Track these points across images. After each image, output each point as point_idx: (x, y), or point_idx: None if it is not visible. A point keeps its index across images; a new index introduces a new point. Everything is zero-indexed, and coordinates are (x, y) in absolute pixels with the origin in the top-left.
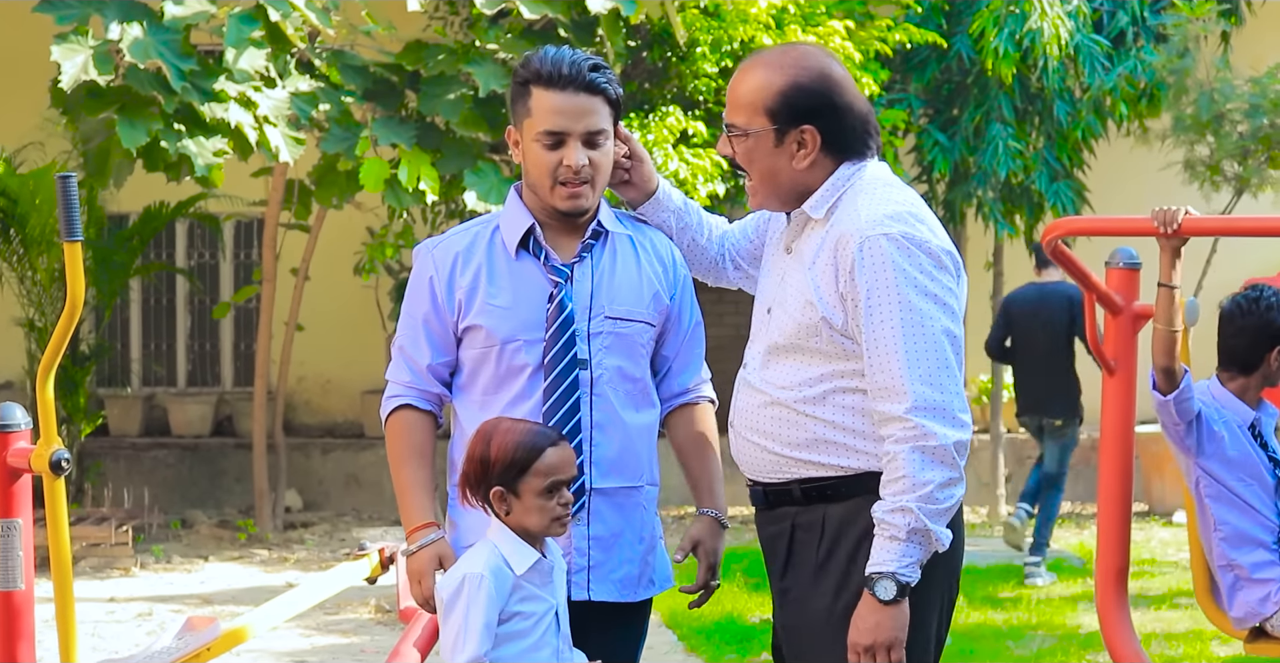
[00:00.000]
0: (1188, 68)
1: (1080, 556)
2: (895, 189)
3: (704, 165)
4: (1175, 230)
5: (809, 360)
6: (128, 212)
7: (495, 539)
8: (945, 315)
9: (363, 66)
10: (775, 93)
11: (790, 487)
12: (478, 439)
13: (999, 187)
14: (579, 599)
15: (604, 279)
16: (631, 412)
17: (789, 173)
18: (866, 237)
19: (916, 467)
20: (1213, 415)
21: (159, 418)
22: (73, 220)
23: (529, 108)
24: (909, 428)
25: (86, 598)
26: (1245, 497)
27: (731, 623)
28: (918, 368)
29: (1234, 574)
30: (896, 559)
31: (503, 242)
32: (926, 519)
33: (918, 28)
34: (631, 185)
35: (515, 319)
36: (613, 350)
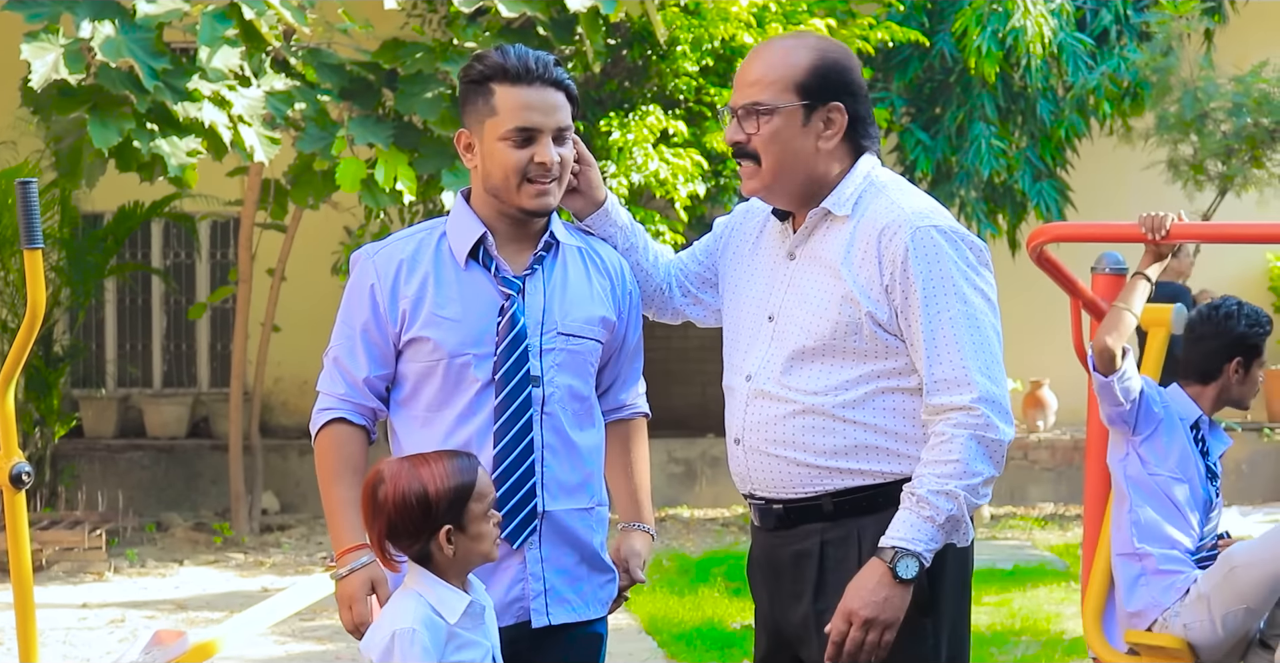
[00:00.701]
0: (1171, 66)
1: (1064, 559)
2: (906, 184)
3: (684, 165)
4: (1164, 237)
5: (844, 361)
6: (102, 211)
7: (418, 588)
8: (993, 312)
9: (339, 65)
10: (807, 67)
11: (820, 501)
12: (401, 484)
13: (982, 186)
14: (540, 626)
15: (556, 294)
16: (579, 432)
17: (810, 156)
18: (918, 227)
19: (972, 455)
20: (1154, 397)
21: (134, 419)
22: (33, 227)
23: (492, 106)
24: (974, 415)
25: (58, 604)
26: (1172, 494)
27: (712, 629)
28: (979, 360)
29: (1140, 565)
30: (925, 542)
31: (450, 250)
32: (965, 510)
33: (900, 26)
34: (578, 194)
35: (464, 332)
36: (564, 368)
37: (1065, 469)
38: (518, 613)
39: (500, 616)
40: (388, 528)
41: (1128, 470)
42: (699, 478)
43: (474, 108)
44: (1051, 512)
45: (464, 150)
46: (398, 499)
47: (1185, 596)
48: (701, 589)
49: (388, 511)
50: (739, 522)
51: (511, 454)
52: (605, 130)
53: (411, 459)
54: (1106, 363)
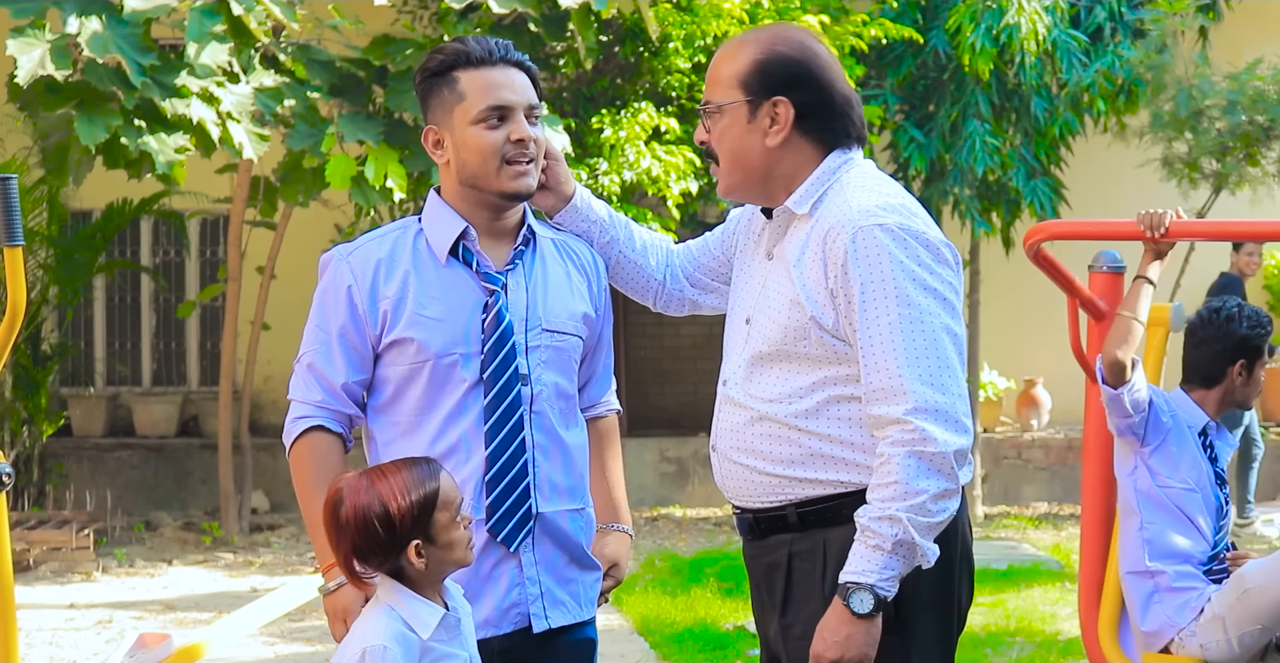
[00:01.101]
0: (1166, 64)
1: (1058, 559)
2: (885, 182)
3: (676, 162)
4: (1163, 234)
5: (798, 367)
6: (90, 209)
7: (390, 602)
8: (946, 312)
9: (329, 61)
10: (750, 63)
11: (785, 511)
12: (359, 502)
13: (976, 184)
14: (540, 631)
15: (538, 289)
16: (566, 431)
17: (760, 153)
18: (860, 227)
19: (911, 473)
20: (1162, 407)
21: (123, 418)
22: (13, 224)
23: (460, 92)
24: (908, 431)
25: (45, 604)
26: (1184, 505)
27: (704, 630)
28: (918, 367)
29: (1153, 583)
30: (877, 571)
31: (429, 247)
32: (915, 532)
33: (893, 23)
34: (546, 190)
35: (449, 331)
36: (550, 366)
37: (1059, 468)
38: (516, 619)
39: (499, 623)
40: (353, 549)
41: (1137, 485)
42: (691, 477)
43: (440, 100)
44: (1045, 511)
45: (433, 147)
46: (359, 520)
47: (1200, 615)
48: (694, 590)
49: (350, 532)
50: (731, 521)
51: (504, 455)
52: (597, 127)
53: (369, 474)
54: (1117, 375)
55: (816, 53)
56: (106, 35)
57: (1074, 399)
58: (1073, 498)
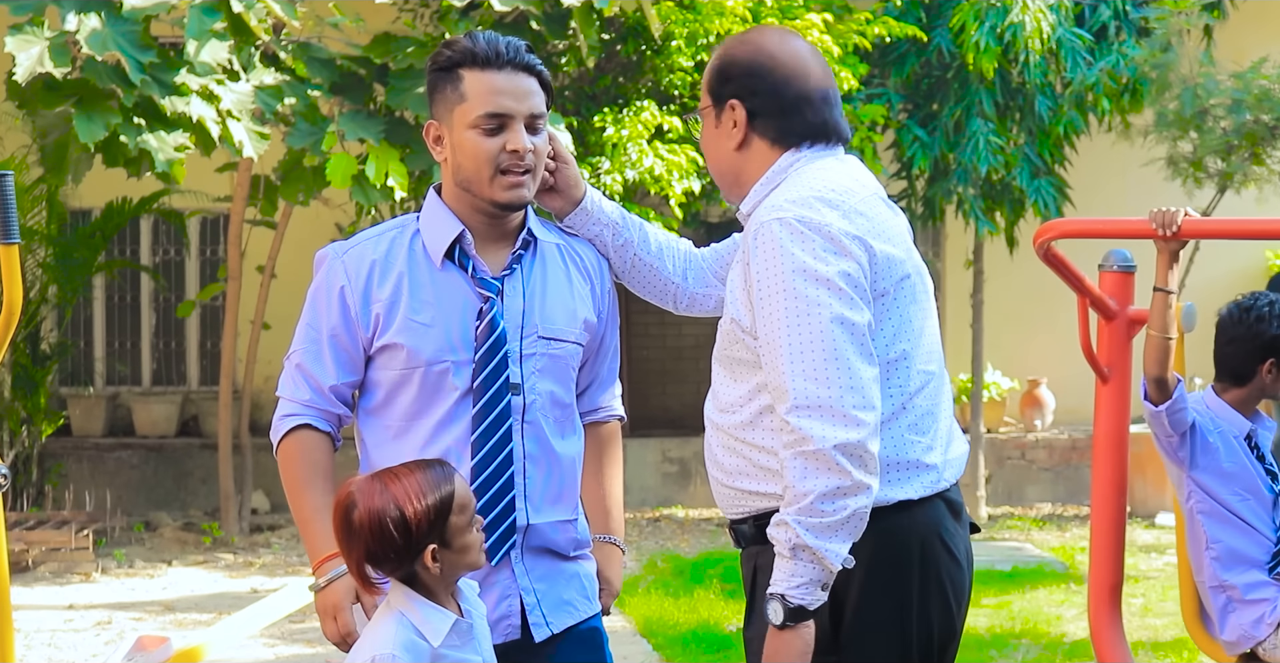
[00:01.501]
0: (1170, 62)
1: (1063, 560)
2: (827, 175)
3: (679, 161)
4: (1175, 233)
5: (735, 375)
6: (90, 207)
7: (401, 607)
8: (839, 301)
9: (329, 59)
10: (713, 69)
11: (746, 523)
12: (374, 506)
13: (979, 183)
14: (543, 639)
15: (536, 295)
16: (560, 440)
17: (726, 156)
18: (762, 222)
19: (797, 475)
20: (1207, 426)
21: (123, 418)
22: (9, 221)
23: (461, 92)
24: (789, 431)
25: (44, 605)
26: (1241, 512)
27: (707, 632)
28: (800, 362)
29: (1226, 596)
30: (784, 579)
31: (424, 249)
32: (808, 534)
33: (897, 21)
34: (556, 193)
35: (441, 338)
36: (545, 374)
37: (1063, 469)
38: (507, 631)
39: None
40: (366, 554)
41: (1197, 507)
42: (694, 478)
43: (442, 96)
44: (1049, 512)
45: (433, 143)
46: (374, 525)
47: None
48: (697, 591)
49: (364, 537)
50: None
51: (490, 465)
52: (599, 126)
53: (382, 477)
54: (1158, 392)
55: (772, 54)
56: (105, 32)
57: (1078, 399)
58: (1077, 499)
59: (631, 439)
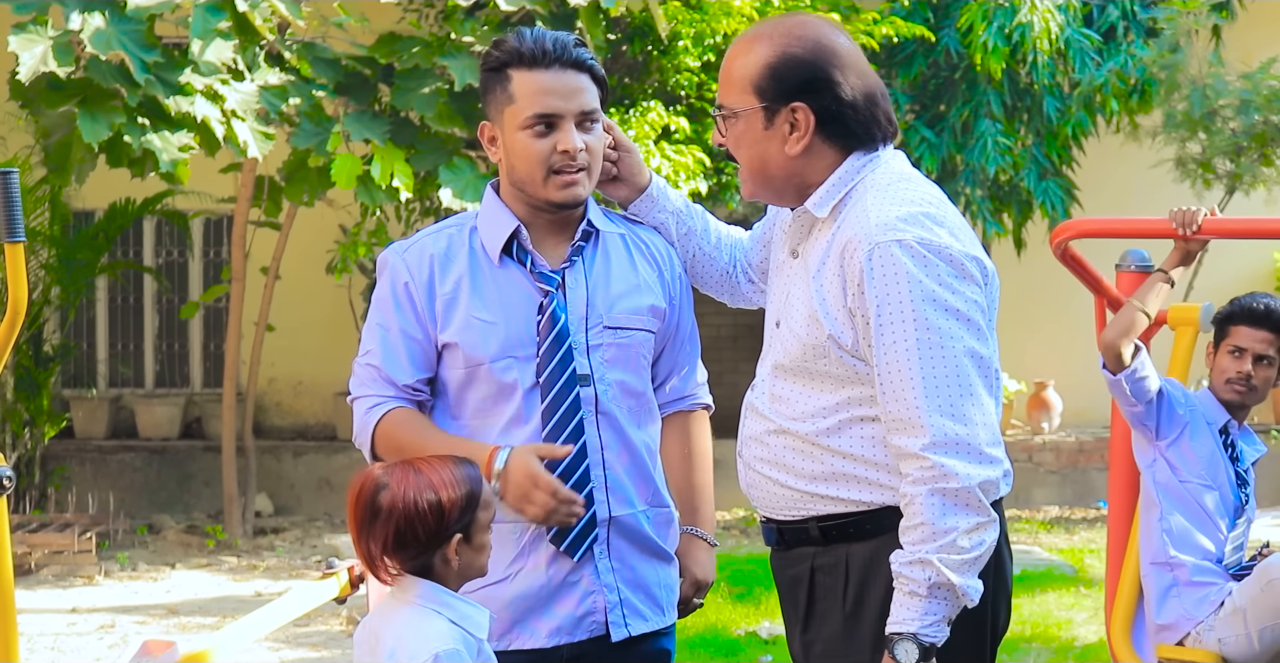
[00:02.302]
0: (1179, 63)
1: (1072, 563)
2: (912, 185)
3: (686, 162)
4: (1195, 232)
5: (819, 386)
6: (93, 208)
7: (434, 605)
8: (970, 333)
9: (334, 59)
10: (764, 65)
11: (807, 525)
12: (409, 490)
13: (987, 184)
14: (620, 640)
15: (600, 284)
16: (638, 429)
17: (781, 160)
18: (877, 243)
19: (936, 513)
20: (1177, 398)
21: (126, 420)
22: (14, 219)
23: (510, 94)
24: (927, 468)
25: (47, 609)
26: (1201, 501)
27: (716, 636)
28: (936, 397)
29: (1172, 575)
30: (918, 618)
31: (483, 246)
32: (951, 572)
33: (904, 21)
34: (620, 181)
35: (502, 335)
36: (615, 364)
37: (1070, 472)
38: (591, 628)
39: (572, 630)
40: (395, 537)
41: (1157, 477)
42: None
43: (493, 97)
44: (1057, 515)
45: (488, 144)
46: (409, 506)
47: (1220, 609)
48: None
49: (396, 518)
50: (741, 526)
51: (565, 461)
52: None
53: (414, 464)
54: (1113, 360)
55: (834, 50)
56: (110, 32)
57: (1085, 402)
58: (1084, 501)
59: None
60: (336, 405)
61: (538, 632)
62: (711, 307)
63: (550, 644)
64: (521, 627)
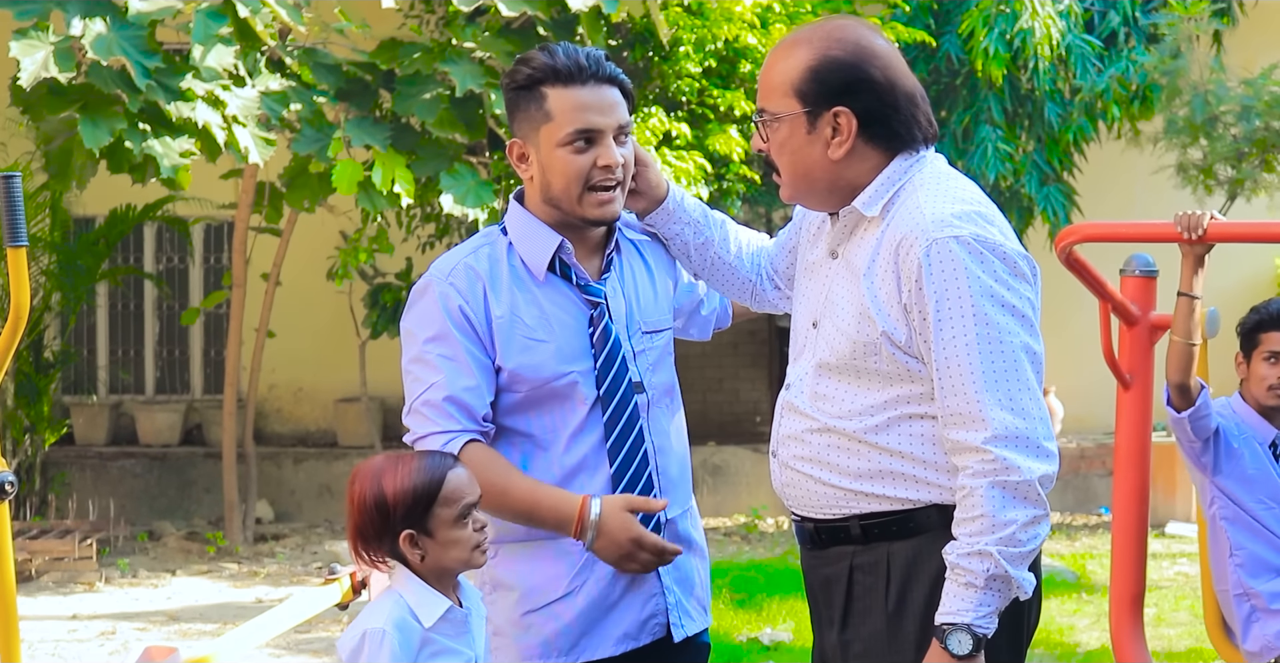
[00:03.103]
0: (1180, 69)
1: (1074, 569)
2: (959, 183)
3: (687, 168)
4: (1200, 236)
5: (868, 384)
6: (94, 214)
7: (400, 589)
8: (1025, 330)
9: (335, 65)
10: (804, 69)
11: (849, 523)
12: (363, 484)
13: (988, 190)
14: (680, 639)
15: (632, 292)
16: (675, 429)
17: (824, 165)
18: (934, 239)
19: (997, 505)
20: (1232, 431)
21: (126, 427)
22: (16, 224)
23: (547, 111)
24: (988, 461)
25: (48, 615)
26: (1264, 520)
27: (718, 642)
28: (996, 391)
29: (1250, 604)
30: (973, 609)
31: (524, 264)
32: (1008, 564)
33: (906, 27)
34: (638, 195)
35: (559, 351)
36: (657, 367)
37: (1072, 478)
38: (654, 630)
39: (638, 635)
40: (356, 529)
41: (1221, 514)
42: (700, 487)
43: (526, 115)
44: (1059, 521)
45: (517, 161)
46: (359, 500)
47: None
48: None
49: (353, 512)
50: (741, 531)
51: (629, 471)
52: None
53: (389, 457)
54: (1180, 398)
55: (874, 51)
56: (111, 37)
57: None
58: (1086, 508)
59: None
60: (337, 412)
61: (606, 640)
62: None
63: (618, 652)
64: (590, 638)
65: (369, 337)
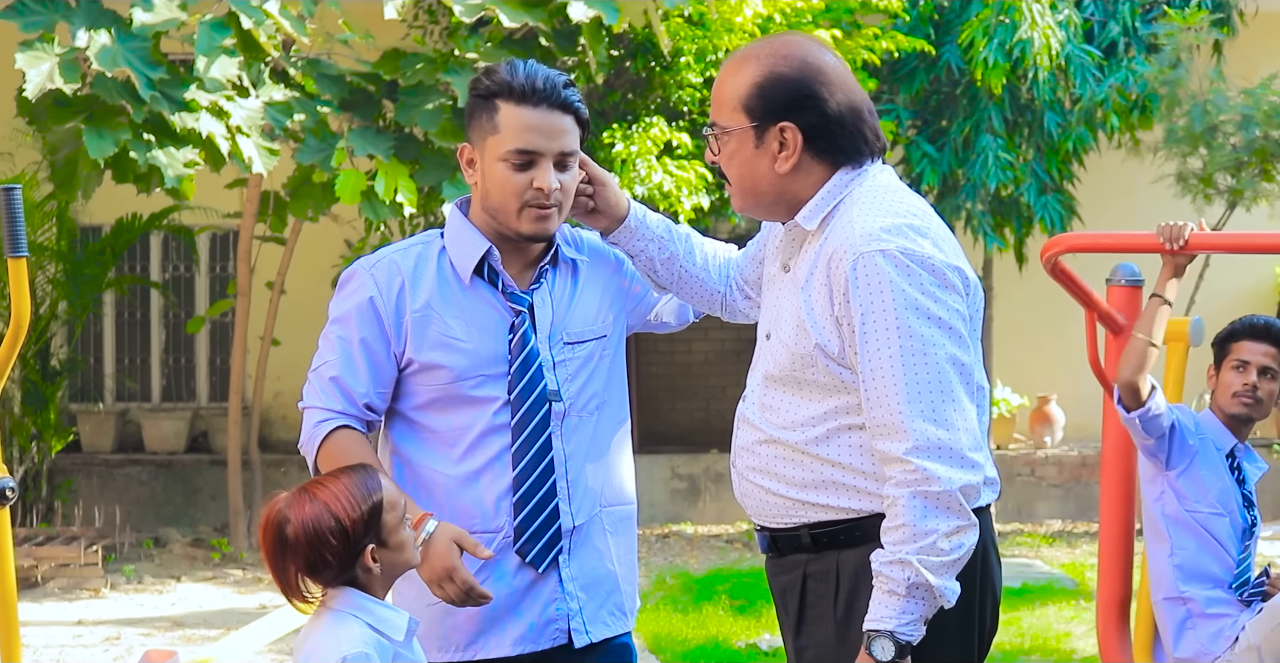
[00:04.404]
0: (1180, 79)
1: (1072, 577)
2: (897, 196)
3: (688, 178)
4: (1182, 247)
5: (808, 395)
6: (100, 224)
7: (353, 610)
8: (951, 341)
9: (339, 76)
10: (752, 85)
11: (799, 532)
12: (306, 519)
13: (988, 199)
14: (582, 645)
15: (563, 304)
16: (606, 434)
17: (771, 178)
18: (860, 253)
19: (918, 515)
20: (1188, 427)
21: (132, 434)
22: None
23: (496, 124)
24: (909, 471)
25: (53, 621)
26: (1211, 526)
27: (716, 648)
28: (919, 402)
29: (1185, 609)
30: (895, 616)
31: (452, 267)
32: (929, 573)
33: (906, 37)
34: (598, 213)
35: (475, 354)
36: (577, 377)
37: (1073, 486)
38: (554, 635)
39: (536, 639)
40: (306, 566)
41: (1165, 510)
42: (703, 494)
43: (478, 123)
44: (1059, 529)
45: (466, 165)
46: (309, 533)
47: (1235, 644)
48: (706, 607)
49: (302, 549)
50: (743, 538)
51: (531, 475)
52: (608, 142)
53: (308, 489)
54: (1130, 397)
55: (820, 68)
56: (115, 49)
57: (1087, 416)
58: (1086, 515)
59: (640, 455)
60: None
61: (503, 641)
62: (714, 321)
63: (515, 653)
64: (487, 636)
65: None
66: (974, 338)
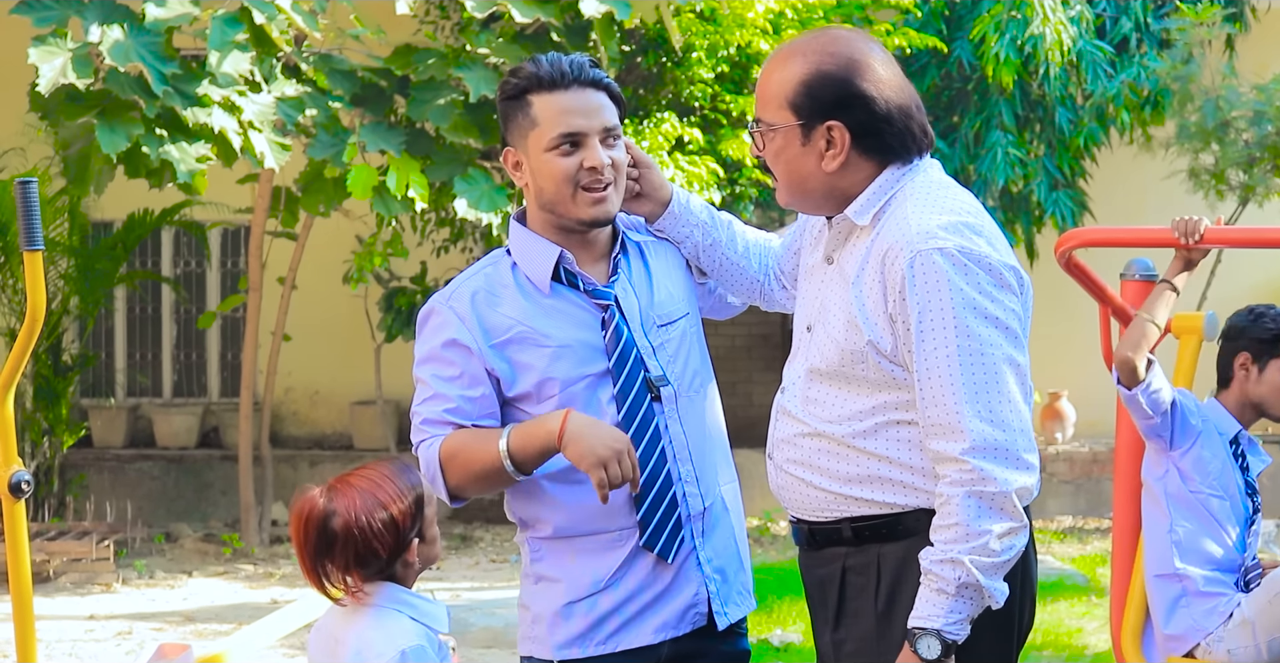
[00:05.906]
0: (1192, 74)
1: (1084, 573)
2: (949, 193)
3: (699, 173)
4: (1197, 241)
5: (856, 390)
6: (112, 219)
7: (395, 605)
8: (1008, 341)
9: (351, 71)
10: (798, 83)
11: (840, 525)
12: (357, 513)
13: (998, 195)
14: (724, 627)
15: (644, 289)
16: (707, 411)
17: (819, 176)
18: (918, 251)
19: (972, 515)
20: (1190, 408)
21: (144, 429)
22: (33, 228)
23: (533, 118)
24: (965, 471)
25: (65, 616)
26: (1213, 508)
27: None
28: (976, 402)
29: (1180, 586)
30: (943, 615)
31: (528, 278)
32: (980, 573)
33: (917, 33)
34: (643, 198)
35: (575, 358)
36: (679, 355)
37: (1084, 482)
38: (694, 619)
39: (677, 624)
40: (356, 558)
41: (1168, 488)
42: None
43: (515, 124)
44: (1070, 525)
45: (513, 170)
46: (364, 528)
47: (1229, 620)
48: None
49: (354, 542)
50: (754, 534)
51: (646, 467)
52: None
53: (352, 483)
54: (1128, 375)
55: (868, 64)
56: (128, 44)
57: (1099, 412)
58: (1098, 512)
59: None
60: (352, 415)
61: (645, 630)
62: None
63: (656, 640)
64: (628, 627)
65: (384, 340)
66: (1026, 337)
